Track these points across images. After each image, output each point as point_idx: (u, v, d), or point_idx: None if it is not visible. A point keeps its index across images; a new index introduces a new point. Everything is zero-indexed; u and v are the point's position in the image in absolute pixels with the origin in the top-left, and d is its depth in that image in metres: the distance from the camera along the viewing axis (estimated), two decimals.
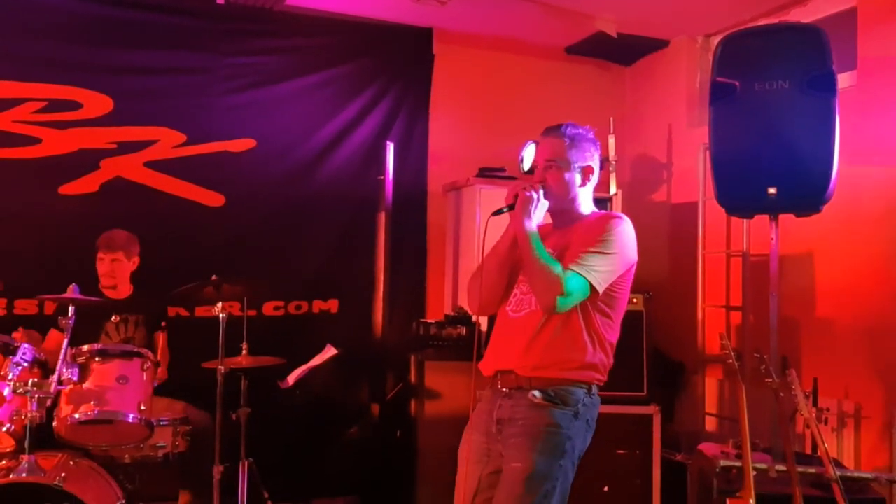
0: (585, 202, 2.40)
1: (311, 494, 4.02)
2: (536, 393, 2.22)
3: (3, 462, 2.88)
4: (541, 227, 2.29)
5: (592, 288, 2.19)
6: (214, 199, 4.28)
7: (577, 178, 2.35)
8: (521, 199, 2.25)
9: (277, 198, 4.37)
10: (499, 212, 2.32)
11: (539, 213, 2.28)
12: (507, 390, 2.28)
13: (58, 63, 3.99)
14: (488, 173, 4.45)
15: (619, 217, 2.32)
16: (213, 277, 3.46)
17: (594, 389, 2.29)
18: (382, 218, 4.32)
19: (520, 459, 2.18)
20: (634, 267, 2.34)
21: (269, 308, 4.37)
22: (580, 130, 2.38)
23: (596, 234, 2.25)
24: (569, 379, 2.23)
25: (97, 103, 4.04)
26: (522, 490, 2.15)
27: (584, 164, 2.36)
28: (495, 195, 4.29)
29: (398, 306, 4.45)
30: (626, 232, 2.29)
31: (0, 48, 3.89)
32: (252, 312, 3.81)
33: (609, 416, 3.49)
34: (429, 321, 4.14)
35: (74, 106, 4.02)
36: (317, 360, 3.85)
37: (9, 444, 2.91)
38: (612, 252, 2.23)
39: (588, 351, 2.24)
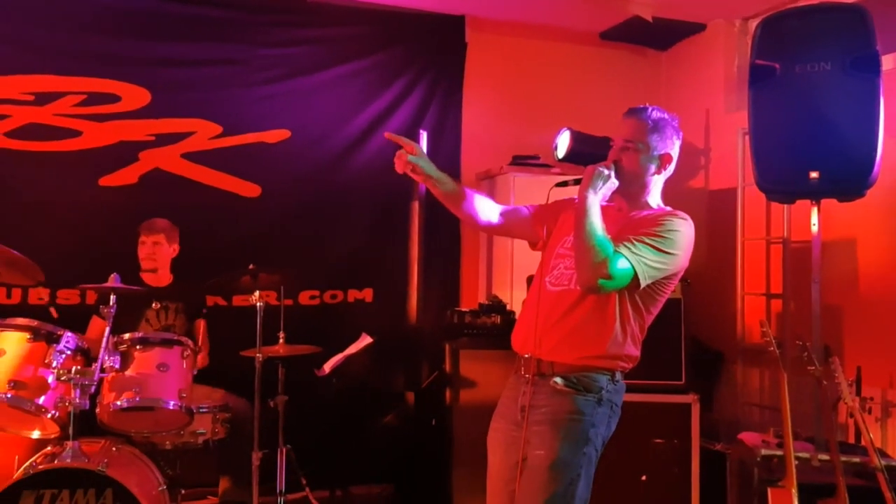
0: (655, 192, 2.32)
1: (348, 482, 4.04)
2: (558, 380, 2.19)
3: (49, 448, 2.95)
4: (605, 208, 2.20)
5: (636, 280, 2.11)
6: (250, 189, 4.32)
7: (653, 164, 2.26)
8: (590, 172, 2.18)
9: (312, 188, 4.40)
10: (563, 183, 2.27)
11: (605, 190, 2.20)
12: (530, 377, 2.24)
13: (97, 57, 4.05)
14: (522, 161, 4.42)
15: (685, 218, 2.23)
16: (251, 266, 3.49)
17: (618, 376, 2.25)
18: (416, 207, 4.32)
19: (543, 447, 2.16)
20: (682, 272, 2.26)
21: (304, 297, 4.40)
22: (665, 116, 2.29)
23: (656, 227, 2.17)
24: (592, 366, 2.20)
25: (135, 96, 4.10)
26: (547, 477, 2.14)
27: (663, 152, 2.26)
28: (529, 183, 4.29)
29: (432, 295, 4.45)
30: (687, 234, 2.21)
31: (41, 43, 3.95)
32: (288, 301, 3.85)
33: (646, 405, 3.51)
34: (463, 310, 4.12)
35: (113, 99, 4.08)
36: (352, 349, 3.87)
37: (53, 431, 2.97)
38: (667, 251, 2.15)
39: (615, 342, 2.19)
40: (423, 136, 4.27)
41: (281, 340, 3.60)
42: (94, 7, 4.05)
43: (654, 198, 2.33)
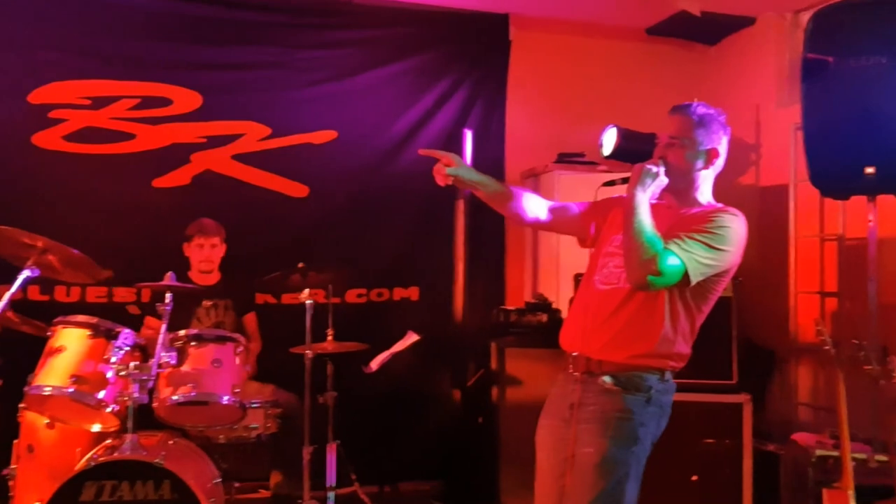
0: (705, 188, 2.30)
1: (396, 478, 4.09)
2: (607, 378, 2.18)
3: (108, 441, 3.04)
4: (654, 205, 2.18)
5: (686, 277, 2.08)
6: (298, 189, 4.38)
7: (700, 160, 2.25)
8: (638, 170, 2.17)
9: (359, 187, 4.44)
10: (611, 182, 2.27)
11: (654, 187, 2.18)
12: (578, 375, 2.24)
13: (149, 61, 4.15)
14: (567, 159, 4.41)
15: (736, 214, 2.21)
16: (301, 265, 3.55)
17: (668, 375, 2.22)
18: (461, 205, 4.34)
19: (592, 444, 2.16)
20: (734, 270, 2.23)
21: (352, 295, 4.45)
22: (711, 111, 2.28)
23: (707, 223, 2.14)
24: (641, 365, 2.18)
25: (187, 99, 4.19)
26: (595, 476, 2.14)
27: (710, 147, 2.25)
28: (574, 181, 4.27)
29: (477, 293, 4.46)
30: (738, 230, 2.18)
31: (96, 49, 4.07)
32: (336, 300, 3.89)
33: (697, 405, 3.47)
34: (509, 308, 4.13)
35: (165, 102, 4.17)
36: (399, 346, 3.90)
37: (113, 424, 3.06)
38: (718, 247, 2.12)
39: (665, 340, 2.17)
40: (468, 136, 4.28)
41: (329, 338, 3.65)
42: (147, 13, 4.14)
43: (704, 194, 2.30)
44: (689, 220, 2.19)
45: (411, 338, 3.92)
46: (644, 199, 2.14)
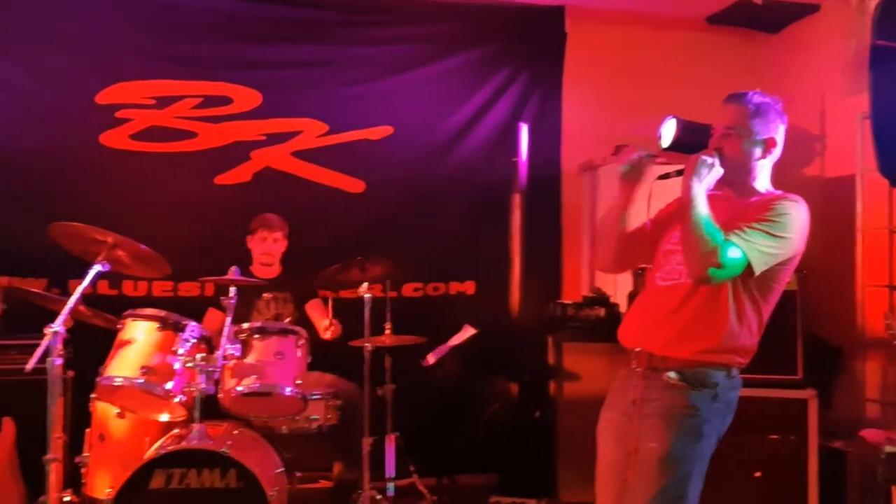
0: (763, 177, 2.26)
1: (454, 470, 4.11)
2: (671, 374, 2.16)
3: (176, 430, 3.14)
4: (710, 196, 2.15)
5: (749, 267, 2.06)
6: (355, 185, 4.44)
7: (757, 150, 2.21)
8: (693, 161, 2.15)
9: (415, 182, 4.47)
10: (665, 176, 2.25)
11: (710, 179, 2.15)
12: (641, 370, 2.23)
13: (211, 61, 4.25)
14: None
15: (796, 200, 2.17)
16: (359, 259, 3.60)
17: (734, 372, 2.19)
18: (517, 199, 4.32)
19: (655, 440, 2.14)
20: (799, 257, 2.19)
21: (408, 289, 4.49)
22: (767, 100, 2.24)
23: (766, 211, 2.12)
24: (706, 361, 2.15)
25: (247, 98, 4.28)
26: (658, 471, 2.12)
27: (767, 137, 2.21)
28: None
29: (534, 287, 4.44)
30: (799, 217, 2.14)
31: (160, 50, 4.18)
32: (393, 293, 3.93)
33: (761, 400, 3.40)
34: (566, 302, 4.12)
35: (226, 101, 4.27)
36: (456, 340, 3.93)
37: (180, 414, 3.15)
38: (780, 235, 2.09)
39: (731, 333, 2.14)
40: (524, 130, 4.27)
41: (387, 331, 3.70)
42: (208, 14, 4.24)
43: (762, 183, 2.27)
44: (749, 210, 2.16)
45: (468, 332, 3.94)
46: (701, 191, 2.12)
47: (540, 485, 3.92)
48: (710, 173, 2.14)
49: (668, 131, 2.30)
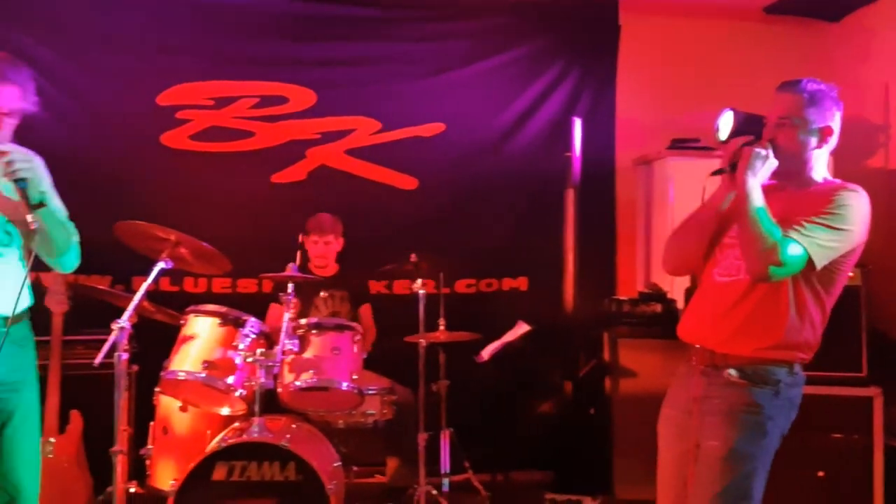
0: (819, 167, 2.21)
1: (508, 467, 4.11)
2: (732, 371, 2.13)
3: (236, 423, 3.20)
4: (765, 188, 2.12)
5: (811, 262, 2.02)
6: (408, 182, 4.47)
7: (813, 139, 2.16)
8: (746, 155, 2.10)
9: (467, 178, 4.48)
10: (719, 171, 2.20)
11: (765, 171, 2.11)
12: (702, 367, 2.19)
13: (267, 61, 4.33)
14: (681, 145, 4.29)
15: (856, 189, 2.11)
16: (412, 256, 3.61)
17: (797, 368, 2.15)
18: (571, 195, 4.29)
19: (717, 438, 2.11)
20: (861, 247, 2.14)
21: (461, 285, 4.50)
22: (822, 87, 2.18)
23: (826, 204, 2.07)
24: (767, 358, 2.12)
25: (302, 97, 4.34)
26: (721, 469, 2.09)
27: (823, 125, 2.15)
28: (689, 167, 4.15)
29: (588, 283, 4.40)
30: (859, 207, 2.09)
31: (218, 51, 4.27)
32: (445, 290, 3.95)
33: (824, 398, 3.32)
34: (621, 298, 4.08)
35: (282, 101, 4.34)
36: (510, 336, 3.92)
37: (241, 408, 3.21)
38: (840, 227, 2.04)
39: (792, 329, 2.10)
40: (577, 124, 4.24)
41: (441, 327, 3.71)
42: (263, 15, 4.31)
43: (819, 172, 2.21)
44: (807, 201, 2.12)
45: (522, 328, 3.93)
46: (756, 184, 2.08)
47: (595, 482, 3.88)
48: (764, 166, 2.10)
49: (726, 124, 2.26)
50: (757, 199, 2.06)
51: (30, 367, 2.49)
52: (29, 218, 2.20)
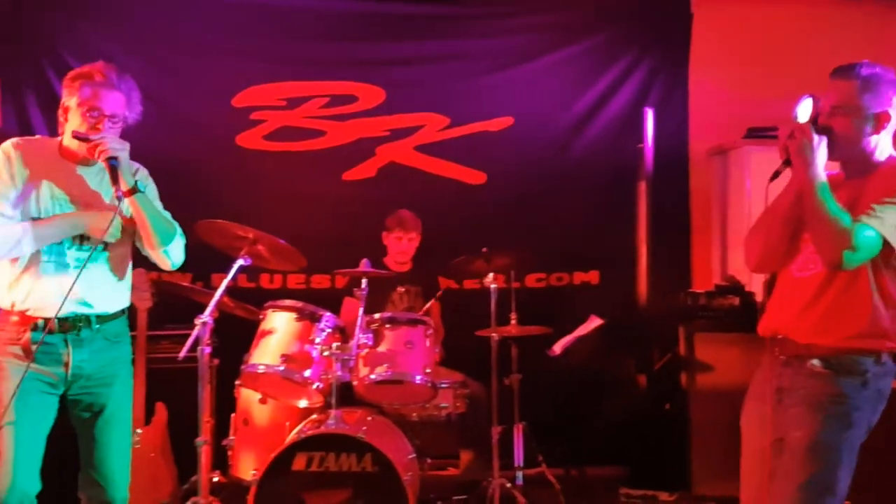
0: (882, 150, 2.15)
1: (582, 461, 4.08)
2: (816, 362, 2.09)
3: (314, 416, 3.27)
4: (830, 178, 2.09)
5: (886, 243, 1.99)
6: (476, 177, 4.48)
7: (868, 125, 2.10)
8: (794, 148, 2.06)
9: (536, 172, 4.46)
10: (776, 175, 2.15)
11: (820, 156, 2.06)
12: (786, 358, 2.15)
13: (337, 61, 4.40)
14: (758, 133, 4.17)
15: None
16: (484, 250, 3.62)
17: (885, 357, 2.09)
18: (643, 187, 4.23)
19: (801, 428, 2.08)
20: None
21: (531, 280, 4.49)
22: (877, 70, 2.12)
23: (893, 184, 2.03)
24: (853, 348, 2.07)
25: (371, 95, 4.40)
26: (806, 460, 2.06)
27: (879, 111, 2.10)
28: (767, 156, 3.98)
29: (661, 277, 4.34)
30: None
31: (290, 53, 4.36)
32: (516, 284, 3.94)
33: None
34: (697, 291, 4.00)
35: (352, 99, 4.40)
36: (582, 330, 3.90)
37: (318, 401, 3.28)
38: None
39: (878, 317, 2.05)
40: (649, 115, 4.18)
41: (513, 321, 3.71)
42: (333, 16, 4.38)
43: (881, 154, 2.14)
44: (872, 185, 2.08)
45: (594, 322, 3.91)
46: (815, 174, 2.04)
47: (672, 478, 3.82)
48: (817, 154, 2.06)
49: (805, 111, 2.20)
50: (820, 188, 2.02)
51: (122, 363, 2.58)
52: (116, 193, 2.31)
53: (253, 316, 3.42)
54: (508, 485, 3.50)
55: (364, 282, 3.26)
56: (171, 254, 2.54)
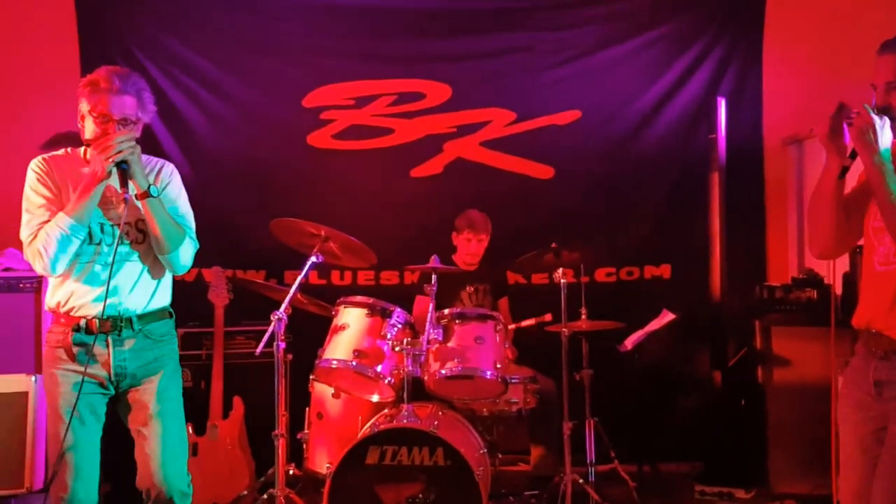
0: None
1: (655, 457, 4.03)
2: None
3: (386, 410, 3.32)
4: None
5: None
6: (544, 171, 4.46)
7: None
8: (854, 133, 1.97)
9: (604, 165, 4.42)
10: (844, 171, 2.03)
11: (885, 140, 1.96)
12: (882, 353, 2.07)
13: (403, 59, 4.45)
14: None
15: None
16: (554, 245, 3.60)
17: None
18: (716, 178, 4.14)
19: None
20: None
21: (600, 274, 4.45)
22: None
23: None
24: None
25: (438, 92, 4.43)
26: None
27: None
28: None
29: (735, 270, 4.24)
30: None
31: (358, 52, 4.42)
32: (585, 279, 3.91)
33: None
34: (773, 284, 3.89)
35: (419, 97, 4.44)
36: (654, 325, 3.85)
37: (389, 395, 3.32)
38: None
39: None
40: (721, 104, 4.08)
41: (583, 316, 3.68)
42: (398, 13, 4.42)
43: None
44: None
45: (667, 317, 3.85)
46: (881, 160, 1.95)
47: (749, 474, 3.74)
48: (881, 135, 1.96)
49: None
50: (888, 174, 1.94)
51: (167, 361, 2.55)
52: (123, 195, 2.30)
53: (325, 312, 3.49)
54: (581, 481, 3.48)
55: (434, 277, 3.28)
56: (176, 259, 2.49)
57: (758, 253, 4.43)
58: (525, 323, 3.79)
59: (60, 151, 2.49)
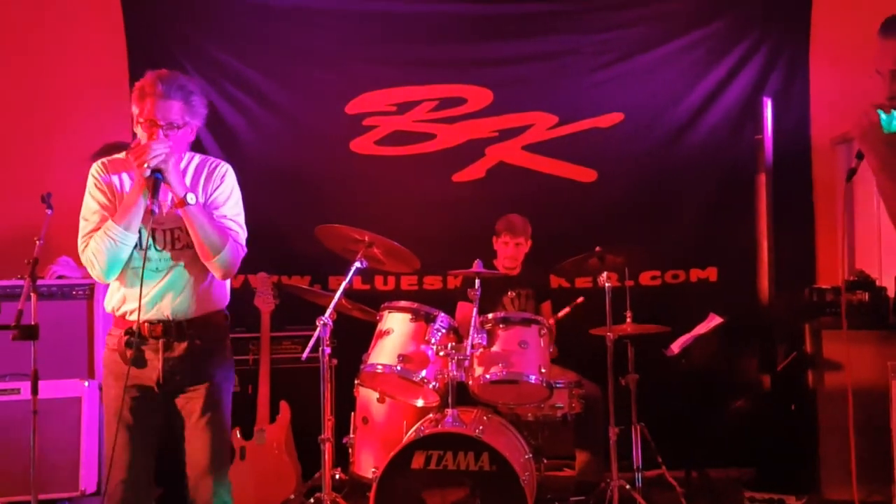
0: None
1: (704, 463, 3.96)
2: None
3: (431, 415, 3.33)
4: None
5: None
6: (587, 174, 4.43)
7: None
8: (859, 133, 1.90)
9: (648, 167, 4.38)
10: (851, 174, 1.98)
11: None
12: None
13: (445, 64, 4.46)
14: None
15: None
16: (598, 248, 3.58)
17: None
18: (762, 179, 4.07)
19: None
20: None
21: (645, 278, 4.40)
22: None
23: None
24: None
25: (479, 97, 4.43)
26: None
27: None
28: None
29: (784, 272, 4.17)
30: None
31: (399, 58, 4.44)
32: (630, 282, 3.88)
33: None
34: (823, 287, 3.81)
35: (460, 102, 4.45)
36: (701, 329, 3.80)
37: (434, 400, 3.33)
38: None
39: None
40: (768, 104, 4.02)
41: (628, 320, 3.65)
42: (440, 18, 4.44)
43: None
44: None
45: (714, 320, 3.79)
46: (892, 152, 1.86)
47: (800, 481, 3.66)
48: (889, 126, 1.86)
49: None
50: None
51: (217, 366, 2.56)
52: (150, 206, 2.29)
53: (369, 317, 3.51)
54: (627, 486, 3.44)
55: (477, 282, 3.28)
56: (220, 264, 2.46)
57: (806, 255, 4.34)
58: (561, 313, 3.77)
59: (121, 154, 2.52)
